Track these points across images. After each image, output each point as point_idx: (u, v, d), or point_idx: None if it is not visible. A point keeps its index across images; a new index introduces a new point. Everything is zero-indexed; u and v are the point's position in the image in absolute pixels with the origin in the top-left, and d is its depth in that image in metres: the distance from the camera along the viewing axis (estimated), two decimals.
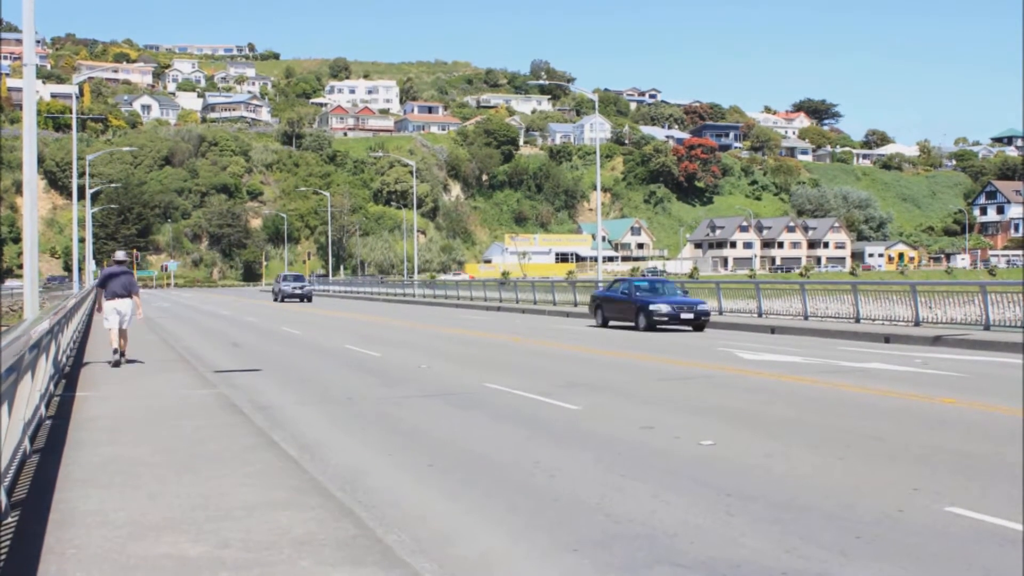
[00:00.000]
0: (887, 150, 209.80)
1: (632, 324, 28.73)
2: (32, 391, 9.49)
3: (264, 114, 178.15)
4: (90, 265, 69.44)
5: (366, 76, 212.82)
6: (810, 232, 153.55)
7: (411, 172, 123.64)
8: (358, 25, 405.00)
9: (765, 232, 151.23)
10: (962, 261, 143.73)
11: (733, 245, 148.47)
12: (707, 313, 28.07)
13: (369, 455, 10.06)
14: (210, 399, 13.26)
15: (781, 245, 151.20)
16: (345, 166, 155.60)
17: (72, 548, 6.19)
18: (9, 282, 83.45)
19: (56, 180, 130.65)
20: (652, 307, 27.77)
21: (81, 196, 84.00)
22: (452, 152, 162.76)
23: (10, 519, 6.93)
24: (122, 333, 17.81)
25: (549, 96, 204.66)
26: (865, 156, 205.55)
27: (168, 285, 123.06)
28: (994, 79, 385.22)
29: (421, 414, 12.63)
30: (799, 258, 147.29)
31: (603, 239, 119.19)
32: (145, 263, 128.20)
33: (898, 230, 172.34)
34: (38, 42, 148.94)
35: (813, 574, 5.94)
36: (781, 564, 6.11)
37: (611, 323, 30.24)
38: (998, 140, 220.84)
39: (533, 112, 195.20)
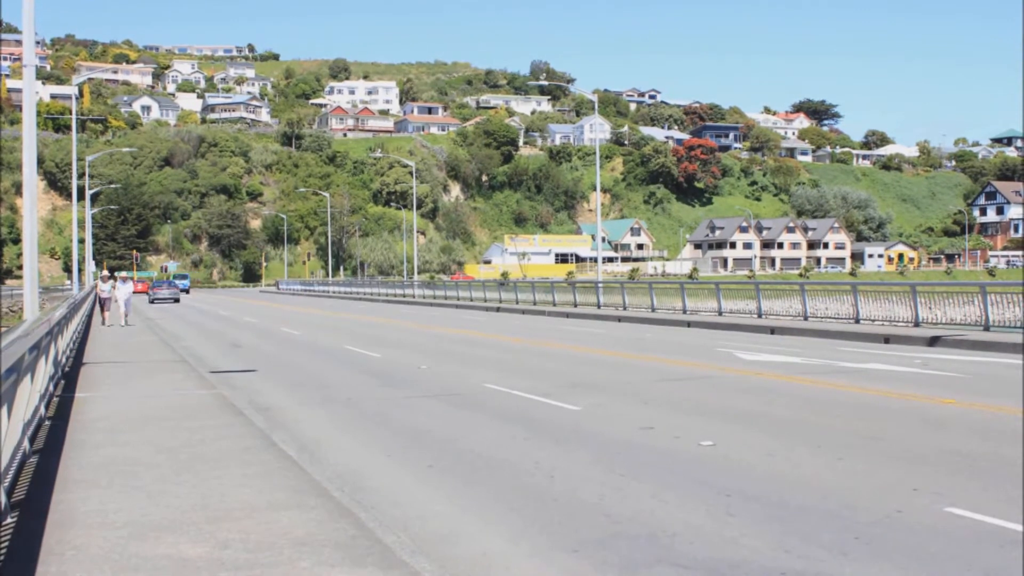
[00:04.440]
0: (887, 151, 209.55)
1: None
2: (32, 392, 9.49)
3: (264, 115, 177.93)
4: (89, 266, 69.30)
5: (366, 77, 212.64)
6: (810, 233, 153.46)
7: (411, 173, 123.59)
8: (358, 26, 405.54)
9: (765, 233, 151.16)
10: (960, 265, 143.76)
11: (733, 246, 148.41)
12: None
13: (369, 456, 10.06)
14: (210, 400, 13.26)
15: (781, 246, 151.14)
16: (345, 167, 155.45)
17: (72, 549, 6.19)
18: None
19: (56, 181, 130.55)
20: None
21: (81, 197, 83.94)
22: (452, 153, 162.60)
23: (10, 519, 6.93)
24: None
25: (549, 97, 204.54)
26: (865, 157, 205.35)
27: None
28: (994, 79, 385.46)
29: (421, 415, 12.63)
30: (799, 259, 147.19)
31: (603, 240, 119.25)
32: (145, 264, 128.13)
33: (898, 231, 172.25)
34: (38, 43, 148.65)
35: (812, 574, 5.94)
36: (780, 564, 6.12)
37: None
38: (998, 141, 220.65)
39: (533, 113, 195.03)
